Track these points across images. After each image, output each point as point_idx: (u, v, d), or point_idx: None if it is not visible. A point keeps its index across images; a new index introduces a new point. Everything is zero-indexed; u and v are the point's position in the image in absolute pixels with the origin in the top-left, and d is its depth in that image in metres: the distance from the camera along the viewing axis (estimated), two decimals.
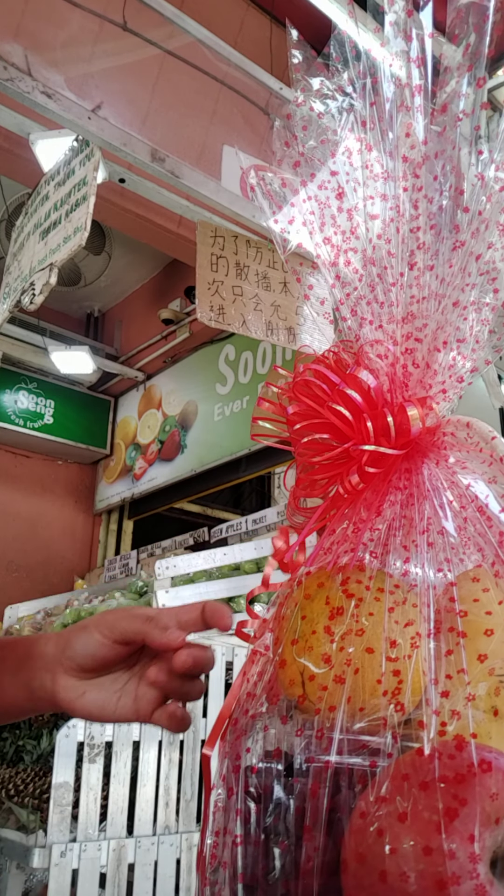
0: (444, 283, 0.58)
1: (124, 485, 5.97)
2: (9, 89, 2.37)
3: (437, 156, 0.59)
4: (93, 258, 5.85)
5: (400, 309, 0.59)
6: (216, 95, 3.81)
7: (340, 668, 0.50)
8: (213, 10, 3.65)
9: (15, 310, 2.73)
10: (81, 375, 5.92)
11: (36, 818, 1.83)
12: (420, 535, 0.54)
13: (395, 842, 0.42)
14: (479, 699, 0.47)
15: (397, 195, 0.59)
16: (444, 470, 0.58)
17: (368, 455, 0.57)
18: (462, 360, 0.59)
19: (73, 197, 2.61)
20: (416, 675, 0.49)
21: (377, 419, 0.57)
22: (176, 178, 2.68)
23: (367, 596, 0.52)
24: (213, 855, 0.52)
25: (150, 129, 3.45)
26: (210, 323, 2.67)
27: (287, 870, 0.47)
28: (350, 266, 0.61)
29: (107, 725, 1.82)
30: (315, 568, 0.57)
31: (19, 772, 2.21)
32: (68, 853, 1.67)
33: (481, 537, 0.54)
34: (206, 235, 2.80)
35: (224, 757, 0.54)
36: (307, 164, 0.63)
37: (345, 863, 0.45)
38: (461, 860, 0.40)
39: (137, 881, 1.76)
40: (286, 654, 0.53)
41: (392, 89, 0.60)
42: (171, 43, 3.50)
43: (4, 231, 5.22)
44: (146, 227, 4.23)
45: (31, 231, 2.87)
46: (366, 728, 0.48)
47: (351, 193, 0.61)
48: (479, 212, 0.57)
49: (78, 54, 3.43)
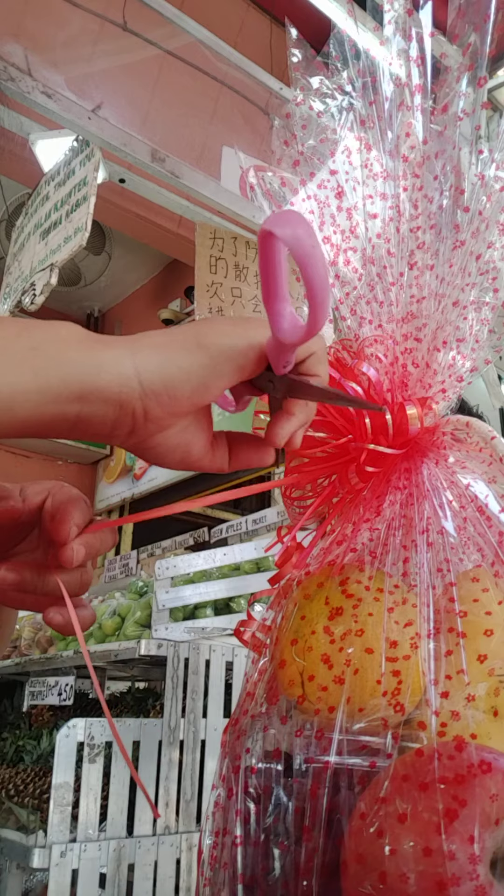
0: (444, 283, 0.58)
1: (124, 485, 5.96)
2: (9, 89, 2.36)
3: (437, 155, 0.58)
4: (93, 258, 5.85)
5: (399, 308, 0.59)
6: (216, 95, 3.81)
7: (340, 669, 0.50)
8: (213, 11, 3.65)
9: (15, 310, 2.73)
10: None
11: (36, 818, 1.83)
12: (420, 534, 0.54)
13: (394, 843, 0.42)
14: (478, 700, 0.47)
15: (397, 194, 0.59)
16: (444, 470, 0.58)
17: (367, 454, 0.57)
18: (462, 360, 0.59)
19: (73, 197, 2.61)
20: (415, 676, 0.48)
21: (375, 417, 0.57)
22: (176, 179, 2.67)
23: (366, 596, 0.52)
24: (212, 855, 0.52)
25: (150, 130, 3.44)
26: None
27: (287, 870, 0.47)
28: (349, 265, 0.61)
29: (107, 726, 1.82)
30: (314, 568, 0.57)
31: (19, 772, 2.21)
32: (68, 853, 1.67)
33: (481, 537, 0.54)
34: (204, 237, 2.80)
35: (224, 757, 0.54)
36: (306, 163, 0.63)
37: (344, 864, 0.44)
38: (461, 861, 0.40)
39: (137, 881, 1.76)
40: (286, 655, 0.53)
41: (392, 88, 0.60)
42: (171, 43, 3.50)
43: (4, 231, 5.22)
44: (146, 227, 4.23)
45: (31, 231, 2.87)
46: (365, 728, 0.48)
47: (350, 193, 0.61)
48: (479, 211, 0.57)
49: (78, 54, 3.43)
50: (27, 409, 0.39)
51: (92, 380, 0.40)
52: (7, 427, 0.39)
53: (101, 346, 0.41)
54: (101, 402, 0.40)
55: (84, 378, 0.40)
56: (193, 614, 2.42)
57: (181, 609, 2.37)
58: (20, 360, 0.38)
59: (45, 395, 0.39)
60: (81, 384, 0.40)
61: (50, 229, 2.69)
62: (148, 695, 2.57)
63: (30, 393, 0.38)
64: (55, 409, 0.39)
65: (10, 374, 0.38)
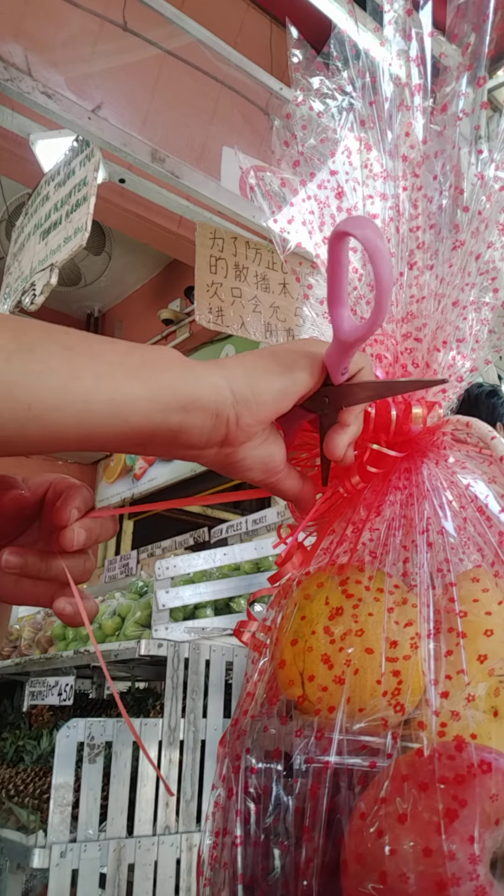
0: (444, 283, 0.58)
1: (124, 485, 5.96)
2: (9, 89, 2.37)
3: (437, 155, 0.58)
4: (93, 258, 5.85)
5: (399, 308, 0.59)
6: (216, 95, 3.81)
7: (340, 669, 0.50)
8: (213, 11, 3.65)
9: (15, 310, 2.73)
10: None
11: (36, 818, 1.83)
12: (420, 535, 0.54)
13: (394, 843, 0.42)
14: (478, 700, 0.47)
15: (397, 195, 0.59)
16: (444, 470, 0.58)
17: (371, 454, 0.57)
18: (462, 360, 0.59)
19: (73, 197, 2.61)
20: (415, 676, 0.48)
21: (379, 416, 0.57)
22: (176, 179, 2.68)
23: (366, 596, 0.52)
24: (212, 856, 0.52)
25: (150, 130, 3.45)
26: (209, 325, 2.67)
27: (287, 870, 0.47)
28: (349, 265, 0.61)
29: (107, 725, 1.82)
30: (314, 568, 0.57)
31: (19, 772, 2.21)
32: (68, 853, 1.67)
33: (481, 537, 0.54)
34: (205, 237, 2.80)
35: (224, 757, 0.54)
36: (306, 163, 0.63)
37: (344, 864, 0.44)
38: (461, 861, 0.40)
39: (137, 881, 1.76)
40: (285, 655, 0.53)
41: (391, 88, 0.60)
42: (171, 43, 3.50)
43: (4, 231, 5.22)
44: (146, 227, 4.23)
45: (31, 231, 2.87)
46: (365, 728, 0.48)
47: (350, 193, 0.61)
48: (478, 211, 0.57)
49: (78, 54, 3.43)
50: (138, 416, 0.43)
51: (193, 390, 0.45)
52: (118, 434, 0.43)
53: (197, 364, 0.47)
54: (200, 410, 0.45)
55: (188, 389, 0.44)
56: (193, 614, 2.42)
57: (181, 609, 2.37)
58: (133, 372, 0.43)
59: (155, 404, 0.43)
60: (186, 394, 0.44)
61: (50, 229, 2.69)
62: (148, 695, 2.57)
63: (142, 401, 0.43)
64: (161, 417, 0.44)
65: (126, 384, 0.42)
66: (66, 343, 0.41)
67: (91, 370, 0.41)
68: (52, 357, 0.40)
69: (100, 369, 0.41)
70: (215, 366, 0.47)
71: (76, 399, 0.40)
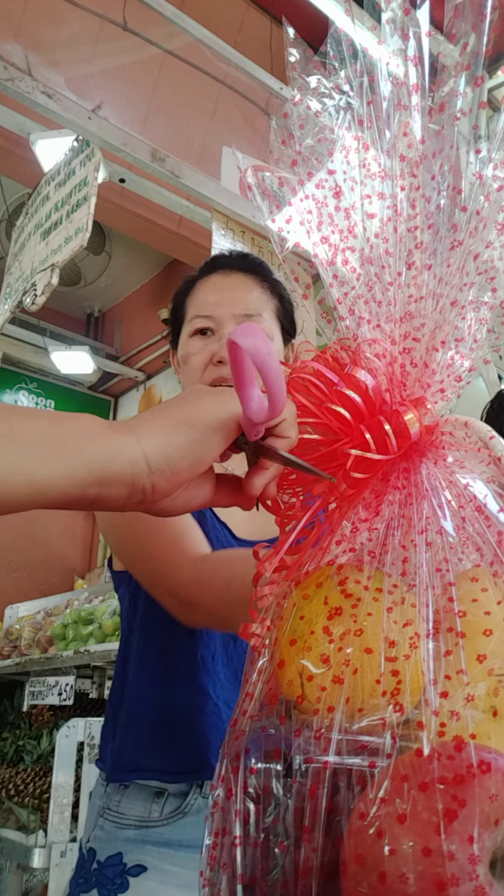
0: (442, 283, 0.58)
1: None
2: (9, 89, 2.37)
3: (435, 155, 0.58)
4: (93, 258, 5.85)
5: (398, 308, 0.59)
6: (216, 95, 3.81)
7: (339, 669, 0.50)
8: (213, 10, 3.65)
9: (16, 310, 2.74)
10: (81, 375, 5.92)
11: (36, 818, 1.83)
12: (418, 534, 0.54)
13: (394, 843, 0.42)
14: (478, 699, 0.47)
15: (395, 194, 0.59)
16: (443, 469, 0.58)
17: (354, 460, 0.57)
18: (460, 360, 0.59)
19: (73, 197, 2.61)
20: (414, 676, 0.48)
21: (373, 428, 0.57)
22: (176, 178, 2.68)
23: (365, 596, 0.52)
24: (211, 856, 0.52)
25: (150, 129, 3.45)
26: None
27: (286, 870, 0.47)
28: (348, 265, 0.61)
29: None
30: (313, 568, 0.57)
31: (19, 772, 2.22)
32: (68, 853, 1.67)
33: (480, 537, 0.54)
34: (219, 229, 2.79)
35: (223, 757, 0.54)
36: (304, 162, 0.63)
37: (344, 864, 0.44)
38: (460, 861, 0.40)
39: None
40: (284, 655, 0.53)
41: (389, 88, 0.60)
42: (171, 43, 3.51)
43: (5, 231, 5.22)
44: (146, 227, 4.23)
45: (31, 231, 2.87)
46: (365, 728, 0.48)
47: (348, 192, 0.61)
48: (477, 211, 0.57)
49: (78, 54, 3.43)
50: (55, 493, 0.45)
51: (110, 466, 0.47)
52: (33, 506, 0.45)
53: (113, 433, 0.48)
54: (117, 483, 0.47)
55: (104, 465, 0.46)
56: None
57: None
58: (52, 451, 0.45)
59: (72, 481, 0.45)
60: (102, 471, 0.46)
61: (50, 229, 2.69)
62: None
63: (60, 479, 0.45)
64: (79, 492, 0.46)
65: (44, 464, 0.44)
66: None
67: (9, 454, 0.43)
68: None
69: (17, 454, 0.44)
70: (131, 434, 0.48)
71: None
